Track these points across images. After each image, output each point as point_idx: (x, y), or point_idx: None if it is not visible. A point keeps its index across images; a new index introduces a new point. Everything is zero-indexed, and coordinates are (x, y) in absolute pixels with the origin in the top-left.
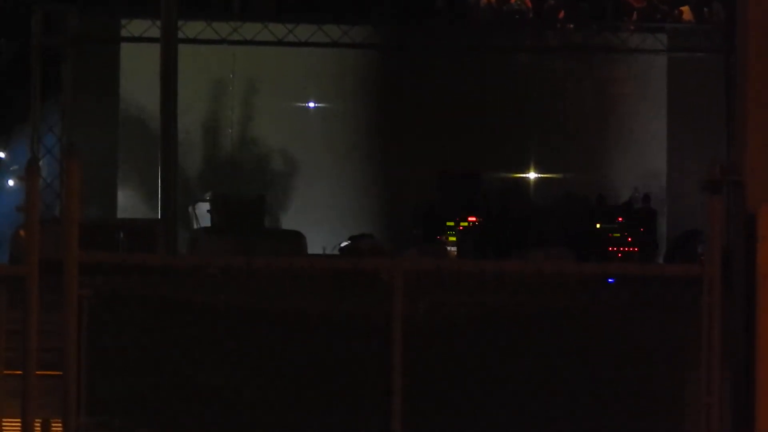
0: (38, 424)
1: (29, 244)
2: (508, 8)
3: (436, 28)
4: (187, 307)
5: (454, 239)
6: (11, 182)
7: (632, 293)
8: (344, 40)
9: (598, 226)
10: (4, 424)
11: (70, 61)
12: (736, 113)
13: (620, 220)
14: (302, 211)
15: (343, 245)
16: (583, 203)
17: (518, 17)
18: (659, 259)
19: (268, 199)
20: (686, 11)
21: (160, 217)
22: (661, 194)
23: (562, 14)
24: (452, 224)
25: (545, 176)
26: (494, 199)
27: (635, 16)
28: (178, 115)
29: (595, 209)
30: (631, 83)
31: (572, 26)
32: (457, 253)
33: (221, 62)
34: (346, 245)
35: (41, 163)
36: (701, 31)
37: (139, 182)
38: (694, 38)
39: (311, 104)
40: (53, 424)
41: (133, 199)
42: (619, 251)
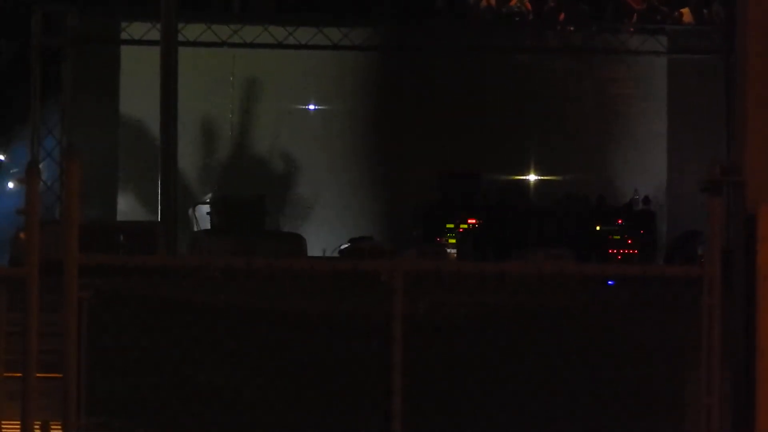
0: (38, 426)
1: (29, 246)
2: (507, 10)
3: (436, 28)
4: (187, 307)
5: (453, 241)
6: (11, 184)
7: (632, 293)
8: (344, 42)
9: (598, 227)
10: (3, 426)
11: (69, 61)
12: (736, 114)
13: (620, 221)
14: (302, 212)
15: (343, 247)
16: (583, 204)
17: (518, 19)
18: (659, 260)
19: (268, 200)
20: (686, 13)
21: (160, 219)
22: (661, 195)
23: (562, 16)
24: (452, 226)
25: (545, 177)
26: (494, 199)
27: (635, 17)
28: (178, 116)
29: (595, 211)
30: (631, 84)
31: (572, 28)
32: (456, 255)
33: (221, 64)
34: (345, 247)
35: (41, 165)
36: (701, 32)
37: (139, 184)
38: (694, 39)
39: (311, 106)
40: (53, 426)
41: (132, 201)
42: (619, 253)
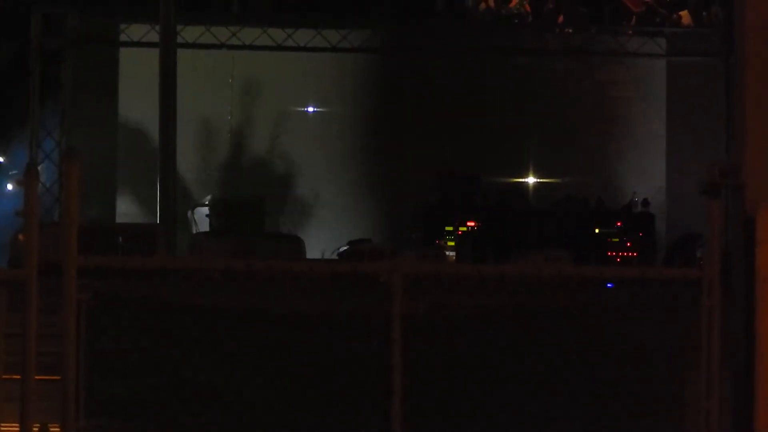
0: (37, 428)
1: (28, 248)
2: (507, 12)
3: (435, 30)
4: (186, 309)
5: (452, 243)
6: (10, 186)
7: (632, 295)
8: (343, 44)
9: (597, 230)
10: (2, 428)
11: (69, 63)
12: (735, 116)
13: (619, 224)
14: (301, 214)
15: (341, 250)
16: (582, 206)
17: (517, 21)
18: (658, 263)
19: (267, 202)
20: (685, 15)
21: (159, 220)
22: (660, 197)
23: (561, 19)
24: (451, 228)
25: (544, 179)
26: (493, 201)
27: (634, 20)
28: (177, 118)
29: (594, 213)
30: (630, 87)
31: (571, 30)
32: (456, 257)
33: (220, 66)
34: (344, 250)
35: (40, 167)
36: (700, 34)
37: (138, 186)
38: (693, 42)
39: (310, 108)
40: (52, 428)
41: (132, 202)
42: (618, 256)
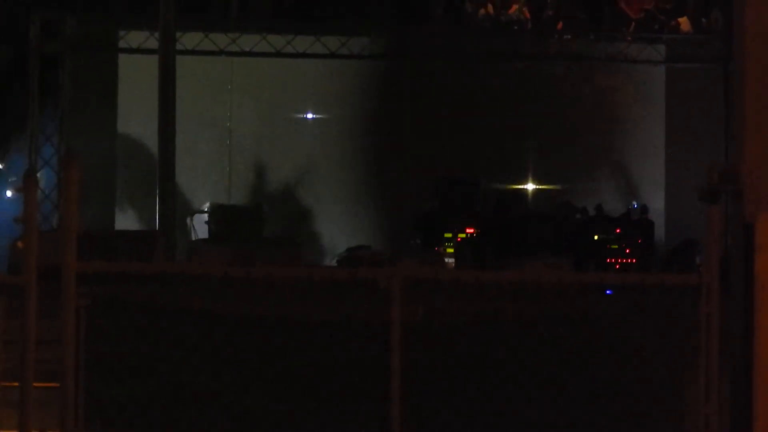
0: None
1: (27, 254)
2: (506, 18)
3: (434, 36)
4: (185, 314)
5: (452, 250)
6: (9, 193)
7: (631, 302)
8: (342, 50)
9: (596, 236)
10: None
11: (68, 69)
12: (734, 122)
13: (618, 231)
14: (301, 221)
15: (341, 258)
16: (581, 213)
17: (517, 27)
18: (657, 269)
19: (266, 208)
20: (684, 21)
21: (158, 227)
22: (659, 204)
23: (560, 25)
24: (450, 235)
25: (543, 186)
26: (492, 207)
27: (633, 26)
28: (176, 124)
29: (593, 220)
30: (629, 93)
31: (570, 37)
32: (455, 264)
33: (219, 72)
34: (344, 256)
35: (39, 173)
36: (699, 40)
37: (137, 192)
38: (692, 48)
39: (309, 114)
40: None
41: (131, 209)
42: (617, 262)
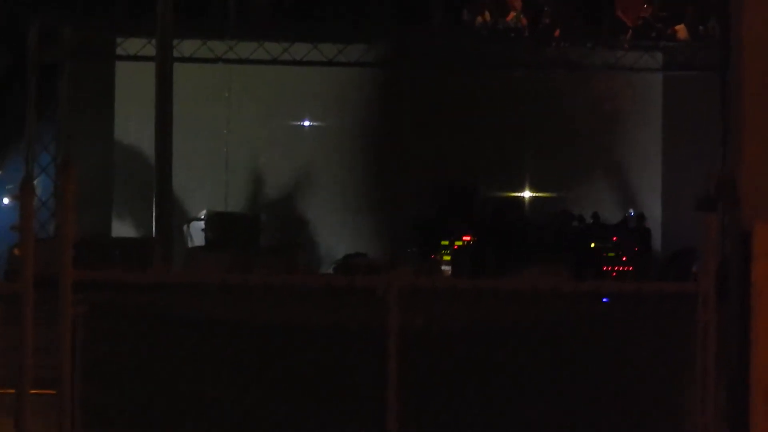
0: None
1: (24, 261)
2: (504, 26)
3: (432, 43)
4: (182, 321)
5: (448, 258)
6: (6, 200)
7: (628, 310)
8: (339, 58)
9: (592, 245)
10: None
11: (65, 77)
12: (731, 130)
13: (615, 239)
14: (298, 228)
15: (336, 267)
16: (578, 221)
17: (514, 35)
18: (653, 277)
19: (263, 216)
20: (681, 30)
21: (154, 234)
22: (656, 211)
23: (558, 33)
24: (447, 243)
25: (540, 194)
26: (490, 215)
27: (630, 34)
28: (173, 132)
29: (590, 227)
30: (626, 100)
31: (568, 45)
32: (451, 272)
33: (216, 80)
34: (341, 264)
35: (36, 181)
36: (697, 48)
37: (134, 199)
38: (689, 56)
39: (306, 122)
40: None
41: (128, 216)
42: (613, 270)
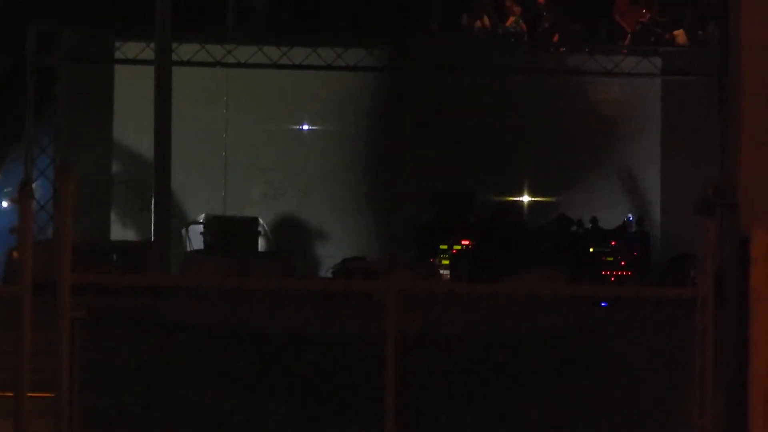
0: None
1: (22, 264)
2: (502, 30)
3: (430, 48)
4: (180, 326)
5: (447, 262)
6: (4, 203)
7: (626, 314)
8: (338, 62)
9: (591, 249)
10: None
11: (64, 80)
12: (729, 135)
13: (613, 243)
14: (296, 233)
15: (334, 271)
16: (577, 225)
17: (513, 40)
18: (652, 282)
19: (261, 220)
20: (680, 34)
21: (153, 238)
22: (655, 216)
23: (556, 38)
24: (445, 247)
25: (539, 198)
26: (488, 220)
27: (629, 39)
28: (171, 136)
29: (588, 232)
30: (625, 105)
31: (566, 49)
32: (450, 276)
33: (215, 84)
34: (339, 268)
35: (34, 184)
36: (695, 53)
37: (132, 203)
38: (688, 61)
39: (305, 126)
40: None
41: (126, 219)
42: (612, 275)
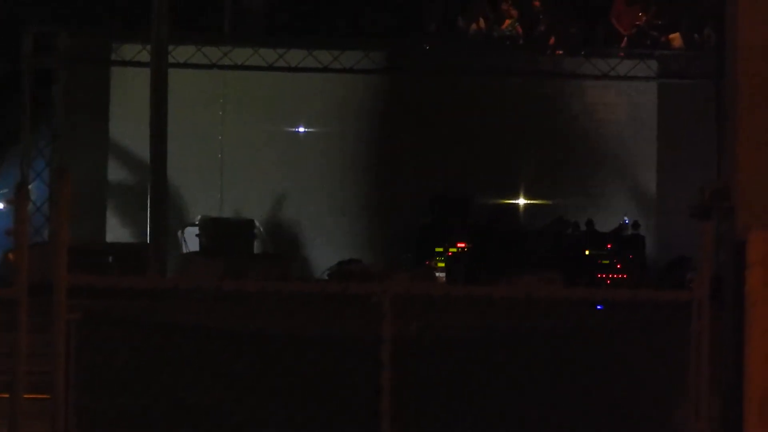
0: None
1: (18, 266)
2: (499, 33)
3: (426, 51)
4: (176, 328)
5: (443, 265)
6: (1, 205)
7: (622, 318)
8: (335, 65)
9: (587, 252)
10: None
11: (60, 82)
12: (726, 139)
13: (609, 246)
14: (292, 235)
15: (330, 271)
16: (573, 228)
17: (509, 43)
18: (648, 285)
19: (257, 222)
20: (676, 38)
21: (149, 240)
22: (651, 219)
23: (552, 41)
24: (441, 250)
25: (535, 201)
26: (484, 223)
27: (625, 42)
28: (167, 138)
29: (584, 235)
30: (621, 108)
31: (563, 53)
32: (446, 278)
33: (212, 86)
34: (335, 270)
35: (30, 186)
36: (692, 56)
37: (128, 205)
38: (684, 64)
39: (301, 128)
40: None
41: (122, 221)
42: (608, 278)
